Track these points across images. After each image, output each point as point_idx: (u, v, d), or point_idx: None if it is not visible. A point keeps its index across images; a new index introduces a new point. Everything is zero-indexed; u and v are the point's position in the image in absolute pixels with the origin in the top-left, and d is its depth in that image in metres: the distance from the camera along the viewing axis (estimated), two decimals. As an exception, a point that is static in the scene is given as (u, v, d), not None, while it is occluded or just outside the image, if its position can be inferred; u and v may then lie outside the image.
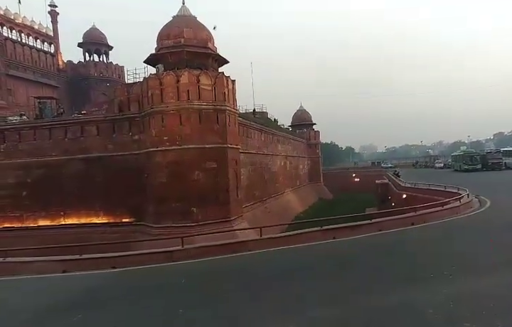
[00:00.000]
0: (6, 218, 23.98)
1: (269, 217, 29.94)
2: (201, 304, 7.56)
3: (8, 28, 37.76)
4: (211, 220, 20.70)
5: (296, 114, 61.42)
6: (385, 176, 48.56)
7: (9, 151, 24.18)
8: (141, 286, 9.55)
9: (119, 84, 31.49)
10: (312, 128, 61.30)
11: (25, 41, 39.75)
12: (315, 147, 60.53)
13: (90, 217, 23.23)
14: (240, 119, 26.31)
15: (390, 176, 45.16)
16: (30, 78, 38.51)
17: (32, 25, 40.76)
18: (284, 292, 7.76)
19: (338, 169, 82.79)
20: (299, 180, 51.08)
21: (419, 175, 43.16)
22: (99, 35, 47.20)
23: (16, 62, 37.46)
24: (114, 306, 7.87)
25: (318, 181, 60.41)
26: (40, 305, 8.17)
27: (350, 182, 65.68)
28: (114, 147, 23.15)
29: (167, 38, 22.59)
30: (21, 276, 11.10)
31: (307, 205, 46.04)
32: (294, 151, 49.75)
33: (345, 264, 9.79)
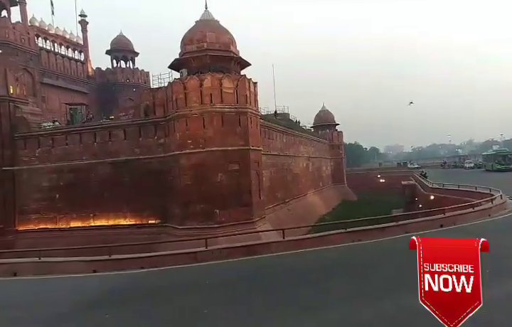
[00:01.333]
0: (41, 220, 25.21)
1: (292, 218, 29.80)
2: (225, 305, 7.67)
3: (42, 38, 39.79)
4: (234, 222, 20.88)
5: (319, 115, 60.79)
6: (412, 177, 47.18)
7: (43, 156, 25.43)
8: (168, 286, 9.81)
9: (144, 89, 32.39)
10: (335, 128, 60.47)
11: (58, 50, 41.72)
12: (338, 148, 59.66)
13: (118, 219, 24.01)
14: (261, 121, 26.41)
15: (416, 177, 43.84)
16: (62, 85, 40.33)
17: (64, 34, 42.72)
18: (307, 294, 7.74)
19: (363, 170, 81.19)
20: (321, 181, 50.53)
21: (447, 175, 41.66)
22: (125, 42, 48.75)
23: (50, 70, 39.36)
24: (142, 305, 8.14)
25: (342, 182, 59.49)
26: (74, 302, 8.57)
27: (375, 183, 64.23)
28: (141, 150, 23.83)
29: (190, 42, 23.04)
30: (55, 276, 11.66)
31: (331, 206, 45.45)
32: (317, 152, 49.28)
33: (371, 267, 9.63)
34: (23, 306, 8.63)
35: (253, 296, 8.04)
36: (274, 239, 15.60)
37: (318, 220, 35.03)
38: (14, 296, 9.99)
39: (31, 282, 11.43)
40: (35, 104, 32.05)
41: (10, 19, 35.21)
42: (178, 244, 16.39)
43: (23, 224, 25.35)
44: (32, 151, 25.65)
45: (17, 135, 25.76)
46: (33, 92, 34.42)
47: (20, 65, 34.00)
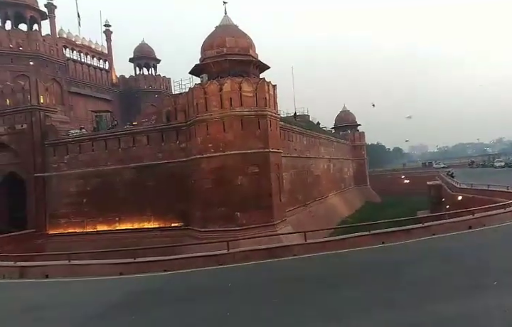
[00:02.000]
0: (70, 224, 26.22)
1: (314, 221, 29.53)
2: (247, 308, 7.71)
3: (70, 49, 41.52)
4: (255, 224, 20.95)
5: (340, 116, 60.08)
6: (438, 177, 45.69)
7: (71, 162, 26.46)
8: (191, 288, 9.96)
9: (166, 95, 33.17)
10: (357, 129, 59.56)
11: (84, 60, 43.39)
12: (360, 149, 58.71)
13: (142, 222, 24.60)
14: (281, 123, 26.39)
15: (443, 177, 42.42)
16: (88, 94, 41.90)
17: (89, 44, 44.40)
18: (330, 299, 7.65)
19: (386, 171, 79.39)
20: (343, 183, 49.82)
21: (476, 175, 40.01)
22: (148, 49, 50.04)
23: (77, 80, 40.99)
24: (166, 307, 8.30)
25: (365, 184, 58.45)
26: (102, 304, 8.86)
27: (399, 184, 62.65)
28: (163, 155, 24.36)
29: (210, 48, 23.38)
30: (84, 278, 12.09)
31: (353, 208, 44.72)
32: (338, 153, 48.67)
33: (396, 270, 9.40)
34: (55, 307, 9.00)
35: (275, 299, 8.03)
36: (296, 241, 15.51)
37: (341, 222, 34.54)
38: (46, 297, 10.43)
39: (62, 284, 11.90)
40: (63, 112, 33.47)
41: (40, 32, 36.96)
42: (200, 246, 16.62)
43: (54, 229, 26.43)
44: (61, 157, 26.75)
45: (47, 142, 26.93)
46: (61, 100, 35.96)
47: (50, 75, 35.57)
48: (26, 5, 35.89)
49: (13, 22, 35.83)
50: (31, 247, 23.81)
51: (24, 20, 36.37)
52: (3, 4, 35.34)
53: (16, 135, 27.07)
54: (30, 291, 11.71)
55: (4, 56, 34.20)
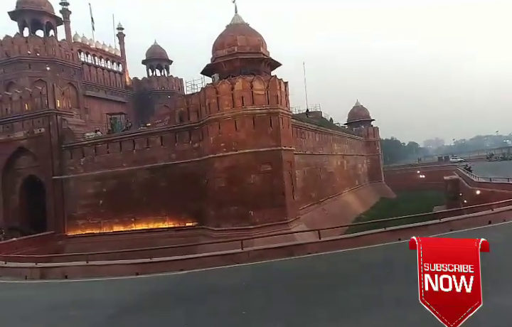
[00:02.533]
0: (87, 225, 26.79)
1: (328, 218, 29.33)
2: (262, 306, 7.73)
3: (84, 53, 42.37)
4: (268, 223, 20.95)
5: (353, 111, 59.37)
6: (455, 172, 44.67)
7: (87, 164, 27.01)
8: (206, 288, 10.04)
9: (179, 96, 33.42)
10: (370, 124, 58.76)
11: (98, 63, 44.19)
12: (374, 144, 57.89)
13: (157, 222, 24.93)
14: (293, 121, 26.27)
15: (460, 171, 41.46)
16: (102, 97, 42.66)
17: (103, 48, 45.17)
18: (346, 296, 7.59)
19: (401, 166, 78.09)
20: (357, 179, 49.27)
21: (495, 169, 38.93)
22: (160, 51, 50.58)
23: (91, 83, 41.79)
24: (183, 306, 8.40)
25: (379, 180, 57.62)
26: (119, 304, 9.03)
27: (414, 179, 61.58)
28: (177, 155, 24.60)
29: (221, 47, 23.44)
30: (101, 278, 12.35)
31: (368, 205, 44.17)
32: (352, 149, 48.13)
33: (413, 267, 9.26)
34: (74, 307, 9.23)
35: (290, 298, 8.03)
36: (310, 239, 15.45)
37: (355, 219, 34.17)
38: (66, 297, 10.70)
39: (80, 284, 12.20)
40: (79, 115, 34.18)
41: (56, 38, 37.82)
42: (214, 245, 16.74)
43: (72, 230, 27.06)
44: (77, 160, 27.33)
45: (64, 146, 27.56)
46: (77, 104, 36.70)
47: (66, 79, 36.37)
48: (43, 11, 36.76)
49: (30, 29, 36.77)
50: (51, 248, 24.47)
51: (41, 27, 37.28)
52: (22, 12, 36.30)
53: (34, 139, 27.81)
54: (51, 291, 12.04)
55: (23, 62, 35.17)
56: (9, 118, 28.34)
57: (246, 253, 12.84)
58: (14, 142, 28.32)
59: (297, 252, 12.62)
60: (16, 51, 35.18)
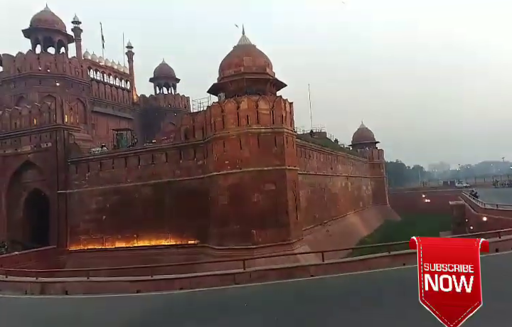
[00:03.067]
0: (90, 240, 26.70)
1: (331, 240, 28.98)
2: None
3: (94, 70, 43.28)
4: (271, 243, 20.74)
5: (357, 133, 59.49)
6: (461, 197, 44.20)
7: (92, 179, 27.15)
8: (207, 308, 9.88)
9: (185, 113, 33.75)
10: (375, 146, 58.74)
11: (107, 80, 45.04)
12: (379, 167, 57.69)
13: (160, 239, 24.79)
14: (297, 141, 26.35)
15: (466, 197, 41.00)
16: (109, 113, 43.25)
17: (112, 65, 46.13)
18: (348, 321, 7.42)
19: (406, 189, 77.49)
20: (362, 201, 48.89)
21: (501, 195, 38.47)
22: (167, 69, 51.51)
23: (99, 99, 42.48)
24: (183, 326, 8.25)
25: (384, 202, 57.12)
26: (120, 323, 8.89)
27: (419, 203, 60.92)
28: (181, 172, 24.67)
29: (228, 67, 23.84)
30: (102, 295, 12.20)
31: (372, 228, 43.64)
32: (356, 171, 47.97)
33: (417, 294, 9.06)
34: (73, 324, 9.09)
35: (291, 322, 7.86)
36: (313, 261, 15.25)
37: (359, 242, 33.72)
38: (65, 314, 10.57)
39: (81, 301, 12.06)
40: (86, 130, 34.60)
41: (67, 55, 38.75)
42: (216, 264, 16.55)
43: (74, 245, 26.96)
44: (82, 174, 27.50)
45: (70, 160, 27.79)
46: (84, 119, 37.23)
47: (74, 95, 37.01)
48: (56, 30, 37.82)
49: (42, 46, 37.75)
50: (53, 263, 24.35)
51: (53, 44, 38.25)
52: (35, 30, 37.37)
53: (41, 153, 28.11)
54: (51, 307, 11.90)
55: (33, 78, 35.94)
56: (17, 132, 28.76)
57: (248, 273, 12.68)
58: (21, 156, 28.65)
59: (299, 274, 12.44)
60: (28, 67, 36.02)
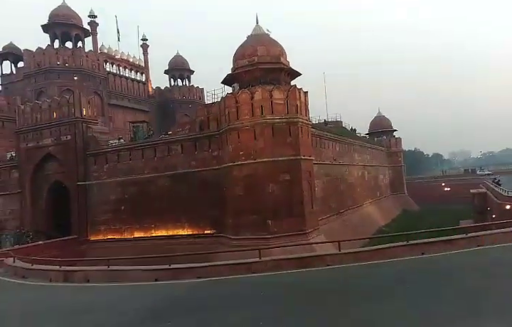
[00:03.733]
0: (109, 230, 27.39)
1: (348, 230, 28.76)
2: (280, 318, 7.60)
3: (110, 63, 43.95)
4: (286, 233, 20.74)
5: (374, 121, 58.36)
6: (482, 185, 42.93)
7: (110, 171, 27.73)
8: (224, 296, 10.01)
9: (199, 105, 33.96)
10: (393, 135, 57.56)
11: (123, 73, 45.69)
12: (396, 155, 56.58)
13: (177, 229, 25.18)
14: (312, 130, 26.07)
15: (488, 185, 39.80)
16: (126, 105, 43.96)
17: (128, 58, 46.74)
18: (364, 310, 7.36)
19: (425, 178, 75.90)
20: (379, 190, 48.18)
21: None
22: (182, 61, 51.75)
23: (116, 92, 43.19)
24: (200, 314, 8.39)
25: (402, 192, 56.14)
26: (139, 310, 9.12)
27: (439, 192, 59.63)
28: (197, 163, 24.87)
29: (242, 57, 23.68)
30: (122, 283, 12.53)
31: (390, 217, 43.04)
32: (373, 160, 47.22)
33: (437, 284, 8.88)
34: (96, 312, 9.39)
35: (308, 310, 7.86)
36: (329, 251, 15.16)
37: (376, 231, 33.33)
38: (88, 302, 10.92)
39: (102, 289, 12.43)
40: (103, 123, 35.30)
41: (84, 49, 39.46)
42: (232, 254, 16.71)
43: (94, 235, 27.73)
44: (101, 166, 28.11)
45: (88, 152, 28.43)
46: (101, 112, 37.96)
47: (92, 88, 37.76)
48: (73, 24, 38.53)
49: (60, 41, 38.52)
50: (74, 253, 25.12)
51: (70, 39, 38.99)
52: (53, 25, 38.18)
53: (61, 146, 28.85)
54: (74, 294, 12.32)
55: (52, 72, 36.83)
56: (39, 125, 29.58)
57: (264, 263, 12.73)
58: (43, 148, 29.49)
59: (315, 264, 12.41)
60: (47, 62, 36.90)
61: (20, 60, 40.66)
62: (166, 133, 29.25)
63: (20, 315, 9.77)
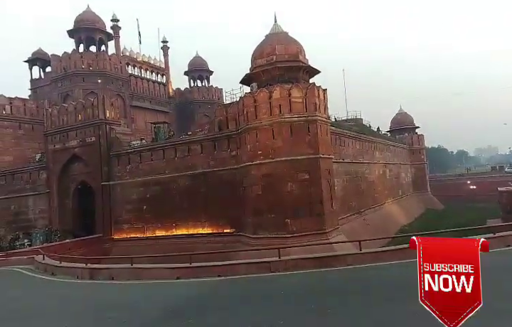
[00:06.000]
0: (132, 229, 28.13)
1: (369, 229, 28.29)
2: (301, 318, 7.62)
3: (132, 66, 45.03)
4: (306, 232, 20.66)
5: (396, 118, 57.07)
6: (511, 183, 41.21)
7: (133, 171, 28.45)
8: (244, 295, 10.11)
9: (218, 105, 34.25)
10: (415, 132, 56.12)
11: (144, 75, 46.70)
12: (419, 153, 55.11)
13: (197, 228, 25.56)
14: (332, 128, 25.81)
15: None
16: (147, 107, 44.90)
17: (149, 60, 47.72)
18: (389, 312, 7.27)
19: (449, 176, 73.56)
20: (401, 189, 47.11)
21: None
22: (201, 62, 52.35)
23: (137, 94, 44.21)
24: (221, 313, 8.53)
25: (425, 190, 54.63)
26: (161, 307, 9.37)
27: (464, 190, 57.69)
28: (216, 163, 25.15)
29: (260, 57, 23.74)
30: (145, 281, 12.88)
31: (412, 216, 41.99)
32: (395, 158, 46.20)
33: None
34: (121, 308, 9.71)
35: (329, 310, 7.84)
36: (350, 251, 15.00)
37: (399, 231, 32.61)
38: (112, 299, 11.30)
39: (125, 286, 12.82)
40: (125, 124, 36.18)
41: (107, 52, 40.63)
42: (251, 253, 16.81)
43: (118, 234, 28.55)
44: (124, 167, 28.89)
45: (112, 153, 29.29)
46: (124, 114, 38.93)
47: (115, 91, 38.79)
48: (96, 29, 39.74)
49: (84, 45, 39.84)
50: (99, 250, 25.97)
51: (94, 43, 40.22)
52: (78, 30, 39.51)
53: (86, 147, 29.86)
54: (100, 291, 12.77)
55: (78, 76, 38.12)
56: (65, 127, 30.73)
57: (283, 262, 12.76)
58: (69, 150, 30.61)
59: (336, 264, 12.33)
60: (72, 66, 38.23)
61: (49, 65, 42.28)
62: (186, 133, 29.73)
63: (56, 311, 10.22)
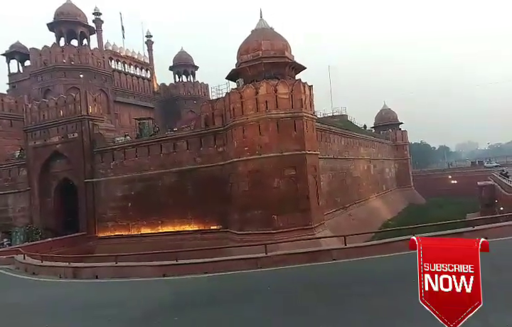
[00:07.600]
0: (116, 227, 27.69)
1: (353, 224, 28.75)
2: (287, 312, 7.68)
3: (115, 60, 44.08)
4: (292, 228, 20.81)
5: (380, 114, 58.02)
6: (490, 177, 42.55)
7: (117, 168, 27.96)
8: (231, 291, 10.11)
9: (204, 101, 33.99)
10: (399, 128, 57.19)
11: (128, 70, 45.80)
12: (402, 148, 56.23)
13: (183, 225, 25.38)
14: (317, 124, 26.00)
15: (495, 177, 39.43)
16: (131, 102, 44.10)
17: (132, 55, 46.81)
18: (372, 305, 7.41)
19: (431, 171, 75.36)
20: (385, 184, 48.00)
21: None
22: (186, 57, 51.74)
23: (121, 89, 43.34)
24: (208, 309, 8.50)
25: (408, 185, 55.84)
26: (148, 306, 9.27)
27: (445, 185, 59.25)
28: (202, 159, 24.98)
29: (246, 52, 23.65)
30: (130, 279, 12.70)
31: (396, 211, 42.90)
32: (379, 153, 46.99)
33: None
34: (106, 307, 9.55)
35: (316, 304, 7.93)
36: (335, 245, 15.21)
37: (383, 225, 33.27)
38: (96, 297, 11.11)
39: (110, 284, 12.62)
40: (109, 120, 35.49)
41: (89, 46, 39.62)
42: (238, 249, 16.82)
43: (102, 231, 28.06)
44: (107, 163, 28.36)
45: (95, 150, 28.70)
46: (107, 109, 38.13)
47: (97, 86, 37.91)
48: (78, 22, 38.66)
49: (66, 39, 38.73)
50: (83, 249, 25.48)
51: (75, 36, 39.14)
52: (58, 23, 38.34)
53: (68, 143, 29.15)
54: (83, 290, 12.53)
55: (59, 70, 37.04)
56: (46, 123, 29.89)
57: (270, 257, 12.82)
58: (50, 146, 29.81)
59: (322, 258, 12.47)
60: (53, 60, 37.12)
61: (27, 59, 40.95)
62: (171, 129, 29.37)
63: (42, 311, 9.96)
